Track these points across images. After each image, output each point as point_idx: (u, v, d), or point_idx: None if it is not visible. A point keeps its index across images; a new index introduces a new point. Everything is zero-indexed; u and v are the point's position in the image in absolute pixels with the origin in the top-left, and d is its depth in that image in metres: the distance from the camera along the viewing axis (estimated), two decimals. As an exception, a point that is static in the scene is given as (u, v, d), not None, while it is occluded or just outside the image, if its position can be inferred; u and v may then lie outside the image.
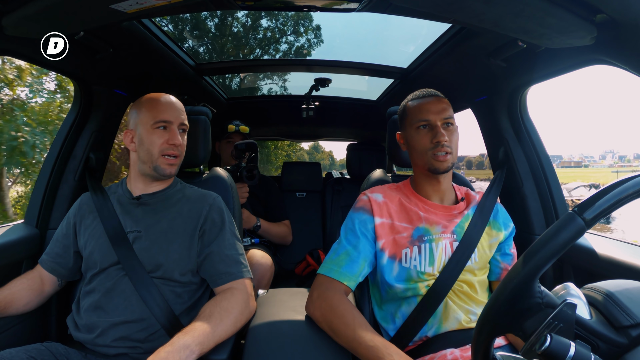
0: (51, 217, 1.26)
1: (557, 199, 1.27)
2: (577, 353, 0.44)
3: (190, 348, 0.75)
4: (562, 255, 0.46)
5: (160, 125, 1.00)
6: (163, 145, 1.00)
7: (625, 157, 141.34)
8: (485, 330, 0.50)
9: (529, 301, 0.47)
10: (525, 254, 0.47)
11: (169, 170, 1.01)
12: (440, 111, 0.95)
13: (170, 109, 1.01)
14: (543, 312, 0.47)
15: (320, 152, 38.15)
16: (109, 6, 0.78)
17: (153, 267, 0.95)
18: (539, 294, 0.47)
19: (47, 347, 0.89)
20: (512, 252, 1.03)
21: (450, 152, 0.94)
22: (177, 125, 1.02)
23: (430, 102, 0.97)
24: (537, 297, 0.47)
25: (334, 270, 0.92)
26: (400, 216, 0.96)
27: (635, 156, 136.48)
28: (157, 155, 1.00)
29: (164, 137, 1.00)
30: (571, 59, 0.97)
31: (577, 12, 0.75)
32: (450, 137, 0.95)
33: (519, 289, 0.47)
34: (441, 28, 1.25)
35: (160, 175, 1.02)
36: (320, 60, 1.72)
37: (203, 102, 1.98)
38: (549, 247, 0.45)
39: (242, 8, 0.95)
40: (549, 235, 0.46)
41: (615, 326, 0.47)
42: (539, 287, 0.47)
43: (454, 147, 0.96)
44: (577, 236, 0.45)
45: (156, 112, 1.00)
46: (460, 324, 0.90)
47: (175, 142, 1.00)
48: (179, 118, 1.02)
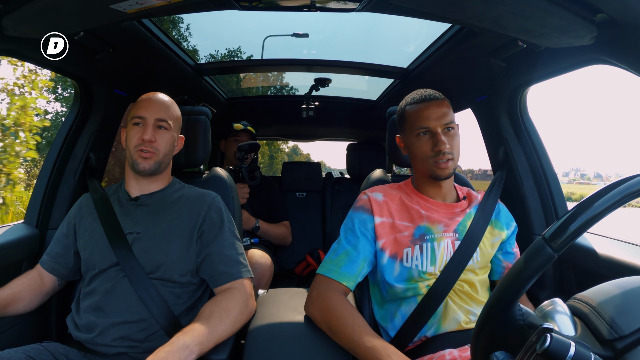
0: (51, 217, 1.26)
1: (557, 198, 1.27)
2: (577, 353, 0.44)
3: (190, 348, 0.75)
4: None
5: (135, 122, 1.00)
6: (137, 141, 0.99)
7: (586, 175, 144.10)
8: (480, 348, 0.52)
9: (511, 324, 0.49)
10: (499, 284, 0.50)
11: (142, 165, 0.99)
12: (440, 116, 0.92)
13: (148, 105, 1.01)
14: (526, 332, 0.48)
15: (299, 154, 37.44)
16: (109, 6, 0.78)
17: (152, 268, 0.95)
18: (520, 316, 0.49)
19: (46, 347, 0.89)
20: (514, 250, 1.02)
21: (452, 158, 0.93)
22: (153, 121, 1.00)
23: (430, 107, 0.94)
24: (519, 319, 0.49)
25: (333, 271, 0.91)
26: (402, 215, 0.96)
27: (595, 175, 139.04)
28: (133, 151, 1.00)
29: (138, 134, 0.99)
30: (571, 59, 0.97)
31: (577, 11, 0.75)
32: (451, 143, 0.92)
33: (499, 315, 0.49)
34: (441, 28, 1.25)
35: (136, 171, 1.01)
36: (320, 60, 1.71)
37: (203, 102, 1.98)
38: (522, 277, 0.47)
39: (242, 8, 0.95)
40: (519, 266, 0.48)
41: (600, 340, 0.47)
42: (520, 310, 0.49)
43: (455, 152, 0.94)
44: (547, 264, 0.47)
45: (134, 109, 1.01)
46: (459, 325, 0.89)
47: (144, 138, 0.98)
48: (156, 114, 1.00)
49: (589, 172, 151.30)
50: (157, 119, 1.00)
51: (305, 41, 1.66)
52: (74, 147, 1.30)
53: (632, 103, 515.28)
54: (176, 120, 1.06)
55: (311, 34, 1.56)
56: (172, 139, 1.04)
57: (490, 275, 1.02)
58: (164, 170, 1.06)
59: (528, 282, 0.47)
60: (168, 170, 1.09)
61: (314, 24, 1.47)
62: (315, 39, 1.62)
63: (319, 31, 1.54)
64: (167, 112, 1.02)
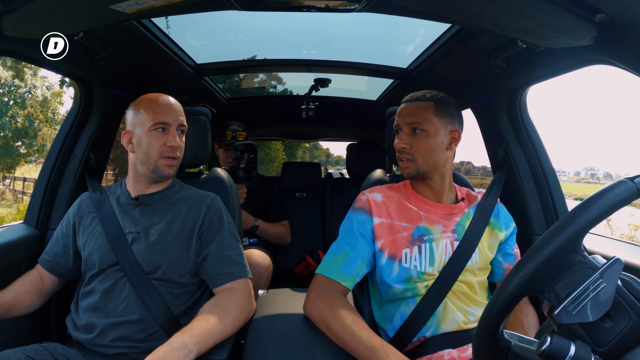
0: (51, 217, 1.26)
1: (557, 199, 1.27)
2: (577, 353, 0.44)
3: (189, 347, 0.76)
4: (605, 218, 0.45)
5: (158, 127, 0.99)
6: (162, 147, 0.98)
7: (595, 174, 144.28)
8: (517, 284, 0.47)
9: (572, 257, 0.45)
10: (577, 206, 0.46)
11: (168, 172, 1.01)
12: (408, 115, 0.95)
13: (169, 110, 1.00)
14: (582, 272, 0.45)
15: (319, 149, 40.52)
16: (109, 6, 0.78)
17: (152, 269, 0.95)
18: (582, 252, 0.46)
19: (45, 347, 0.89)
20: (514, 252, 1.02)
21: (412, 159, 0.94)
22: (176, 127, 1.01)
23: (406, 106, 0.97)
24: (581, 255, 0.46)
25: (332, 271, 0.91)
26: (400, 216, 0.96)
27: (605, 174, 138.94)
28: (156, 157, 0.99)
29: (162, 140, 0.99)
30: (571, 59, 0.97)
31: (576, 12, 0.75)
32: (413, 144, 0.93)
33: (568, 240, 0.45)
34: (441, 28, 1.25)
35: (158, 176, 1.01)
36: (320, 60, 1.71)
37: (203, 102, 1.98)
38: (600, 205, 0.44)
39: (242, 8, 0.95)
40: (601, 192, 0.45)
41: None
42: (584, 246, 0.46)
43: (418, 155, 0.93)
44: (628, 199, 0.44)
45: (154, 114, 0.99)
46: (458, 325, 0.89)
47: (174, 145, 0.99)
48: (178, 119, 1.01)
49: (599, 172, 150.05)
50: (179, 124, 1.02)
51: (305, 41, 1.65)
52: (74, 147, 1.30)
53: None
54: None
55: (311, 34, 1.56)
56: (184, 142, 1.06)
57: (491, 277, 1.02)
58: None
59: (605, 213, 0.44)
60: None
61: (313, 24, 1.47)
62: (315, 39, 1.62)
63: (318, 31, 1.53)
64: (184, 116, 1.04)
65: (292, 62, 1.73)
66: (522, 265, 0.47)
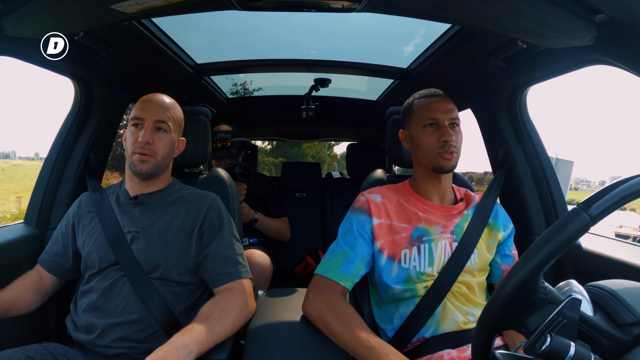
0: (51, 217, 1.26)
1: (557, 199, 1.27)
2: (577, 353, 0.44)
3: (189, 347, 0.75)
4: (562, 254, 0.45)
5: (134, 123, 0.99)
6: (135, 143, 0.98)
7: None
8: (487, 326, 0.49)
9: (532, 296, 0.47)
10: (529, 248, 0.47)
11: (140, 168, 0.98)
12: (448, 111, 0.96)
13: (146, 106, 1.00)
14: (547, 308, 0.46)
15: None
16: (109, 6, 0.78)
17: (151, 268, 0.95)
18: (543, 289, 0.47)
19: (45, 347, 0.89)
20: (512, 253, 1.02)
21: (456, 151, 0.96)
22: (151, 123, 0.99)
23: (439, 101, 0.98)
24: (541, 292, 0.47)
25: (331, 271, 0.91)
26: (399, 216, 0.96)
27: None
28: (131, 153, 0.99)
29: (136, 135, 0.99)
30: (571, 59, 0.97)
31: (576, 12, 0.75)
32: (456, 137, 0.96)
33: (523, 284, 0.46)
34: (441, 28, 1.25)
35: (134, 173, 1.00)
36: (320, 60, 1.71)
37: (203, 102, 1.98)
38: (554, 242, 0.45)
39: (242, 8, 0.95)
40: (554, 230, 0.45)
41: (618, 323, 0.47)
42: (543, 283, 0.47)
43: (459, 147, 0.97)
44: (582, 231, 0.44)
45: (134, 111, 1.00)
46: (458, 326, 0.90)
47: (141, 139, 0.97)
48: (154, 116, 0.99)
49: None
50: (155, 120, 0.99)
51: (305, 41, 1.65)
52: (74, 147, 1.30)
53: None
54: (176, 121, 1.04)
55: (311, 34, 1.56)
56: (171, 141, 1.02)
57: (489, 278, 1.02)
58: (162, 173, 1.05)
59: (560, 250, 0.44)
60: (168, 171, 1.08)
61: (313, 24, 1.47)
62: (315, 39, 1.62)
63: (318, 31, 1.53)
64: (166, 114, 1.01)
65: (292, 62, 1.73)
66: (487, 310, 0.49)
